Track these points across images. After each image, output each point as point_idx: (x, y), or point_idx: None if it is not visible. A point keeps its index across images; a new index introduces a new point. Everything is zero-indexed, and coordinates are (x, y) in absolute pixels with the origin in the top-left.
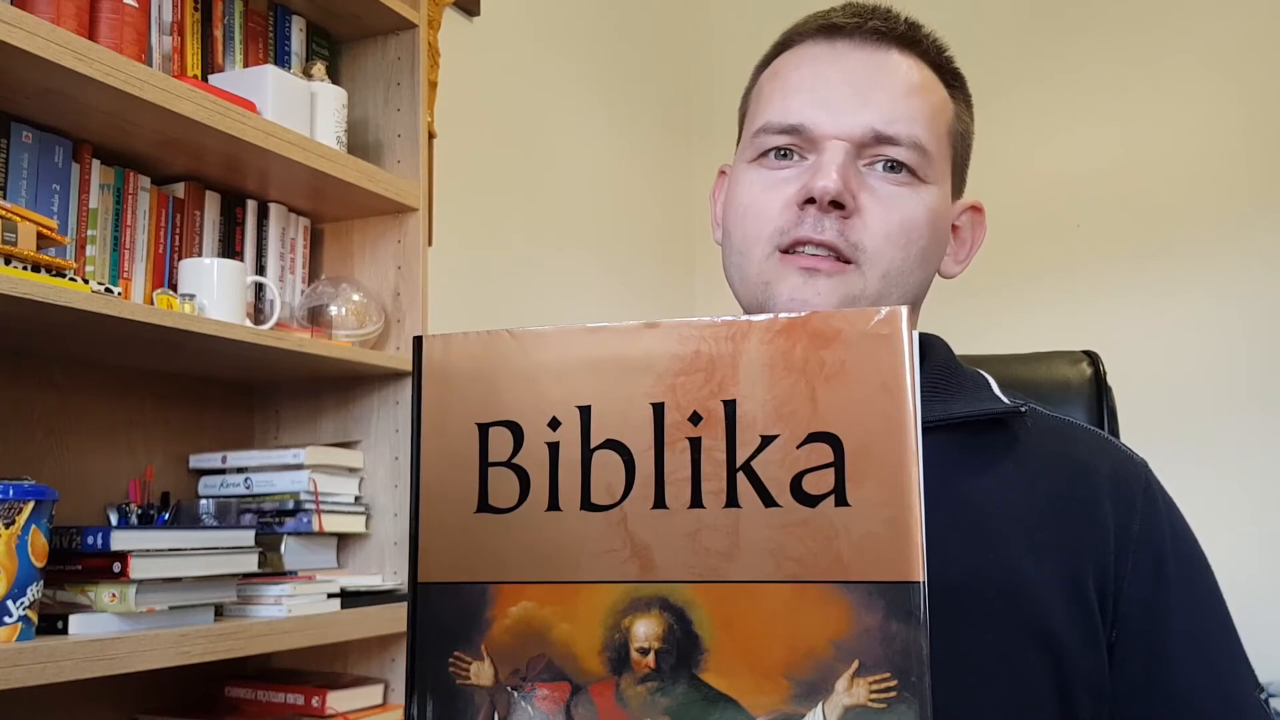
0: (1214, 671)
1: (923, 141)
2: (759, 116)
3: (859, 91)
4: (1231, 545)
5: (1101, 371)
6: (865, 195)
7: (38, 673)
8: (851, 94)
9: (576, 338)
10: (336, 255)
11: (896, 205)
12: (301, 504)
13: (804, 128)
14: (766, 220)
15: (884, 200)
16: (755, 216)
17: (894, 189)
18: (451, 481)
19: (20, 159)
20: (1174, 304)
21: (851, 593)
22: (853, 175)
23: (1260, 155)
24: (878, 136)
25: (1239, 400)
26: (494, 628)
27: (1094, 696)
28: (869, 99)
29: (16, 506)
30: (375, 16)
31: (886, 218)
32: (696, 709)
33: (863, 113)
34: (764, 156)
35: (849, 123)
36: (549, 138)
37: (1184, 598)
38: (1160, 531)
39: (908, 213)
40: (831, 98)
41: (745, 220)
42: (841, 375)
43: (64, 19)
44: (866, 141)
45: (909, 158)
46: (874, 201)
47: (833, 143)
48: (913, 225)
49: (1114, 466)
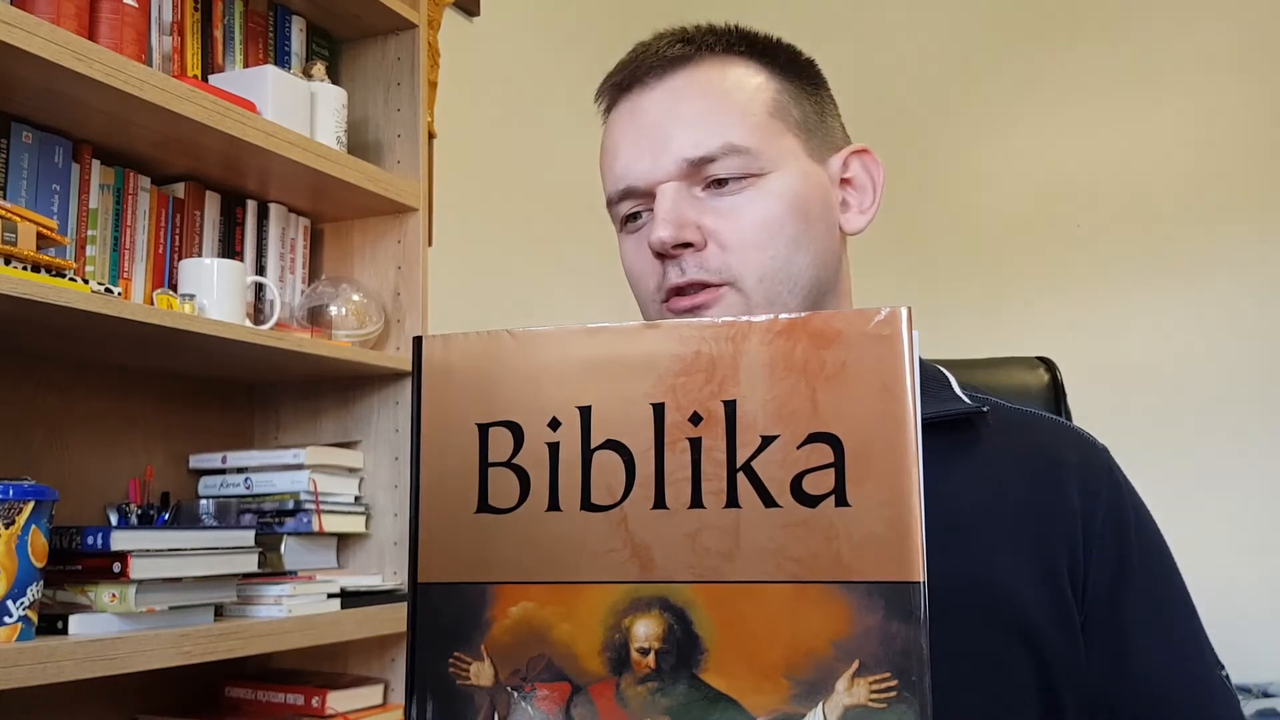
0: (1179, 651)
1: (738, 143)
2: (605, 192)
3: (660, 131)
4: (1200, 548)
5: (1059, 377)
6: (709, 219)
7: (38, 673)
8: (655, 136)
9: (576, 338)
10: (336, 255)
11: (740, 213)
12: (301, 504)
13: (632, 188)
14: (646, 280)
15: (727, 215)
16: (637, 279)
17: (732, 199)
18: (451, 481)
19: (20, 159)
20: (1170, 306)
21: (852, 593)
22: (689, 209)
23: (1258, 159)
24: (692, 164)
25: (1231, 403)
26: (494, 628)
27: (1075, 687)
28: (670, 134)
29: (16, 506)
30: (375, 16)
31: (736, 228)
32: (697, 709)
33: (669, 149)
34: (624, 224)
35: (664, 164)
36: (549, 138)
37: (1147, 581)
38: (1124, 517)
39: (755, 214)
40: (640, 148)
41: (634, 286)
42: (842, 376)
43: (64, 19)
44: (687, 172)
45: (731, 167)
46: (719, 220)
47: (661, 188)
48: (767, 222)
49: (1079, 454)
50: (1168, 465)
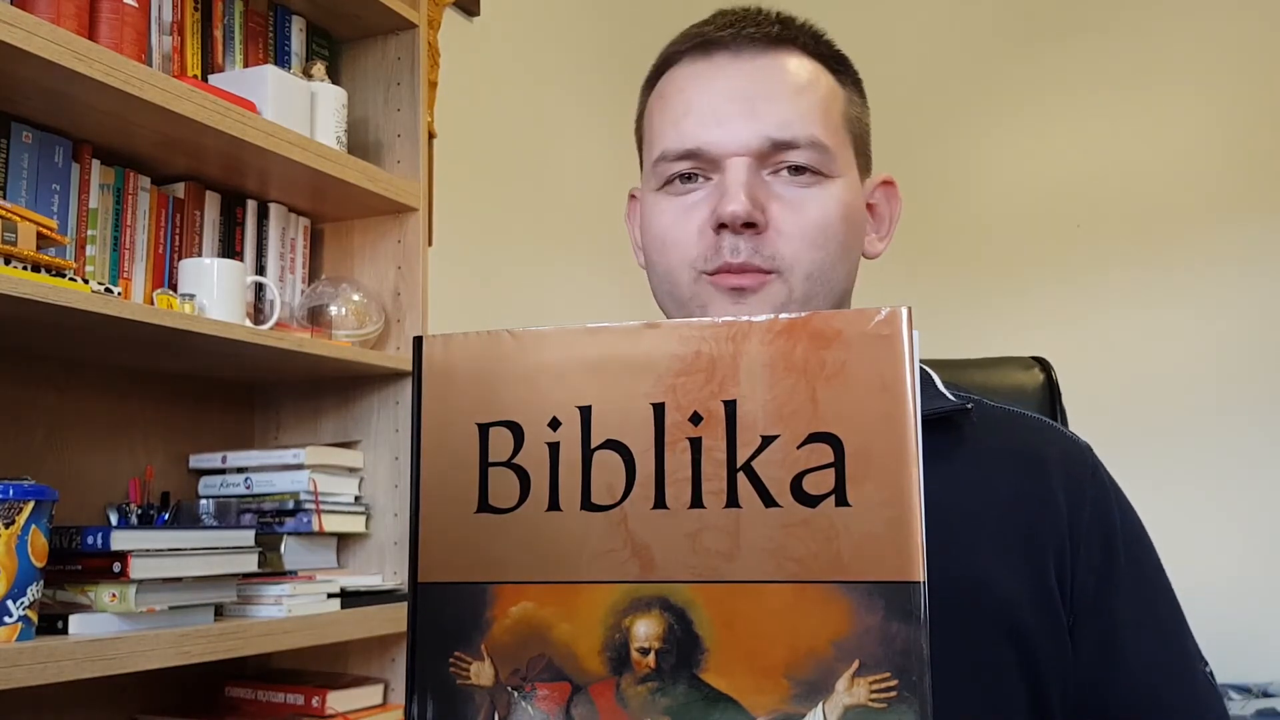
0: (1164, 649)
1: (820, 138)
2: (654, 145)
3: (747, 102)
4: (1194, 550)
5: (1053, 377)
6: (775, 205)
7: (38, 673)
8: (740, 107)
9: (577, 338)
10: (336, 255)
11: (806, 208)
12: (301, 504)
13: (701, 150)
14: (685, 248)
15: (793, 205)
16: (674, 245)
17: (801, 191)
18: (451, 481)
19: (20, 159)
20: (1170, 306)
21: (852, 593)
22: (759, 188)
23: (1254, 159)
24: (775, 144)
25: (1232, 402)
26: (494, 628)
27: (1063, 686)
28: (758, 108)
29: (16, 506)
30: (375, 16)
31: (799, 222)
32: (697, 709)
33: (755, 124)
34: (669, 184)
35: (744, 136)
36: (549, 138)
37: (1132, 579)
38: (1109, 515)
39: (819, 212)
40: (721, 114)
41: (666, 250)
42: (842, 376)
43: (64, 19)
44: (765, 152)
45: (810, 158)
46: (784, 209)
47: (733, 160)
48: (826, 223)
49: (1063, 453)
50: (1164, 465)
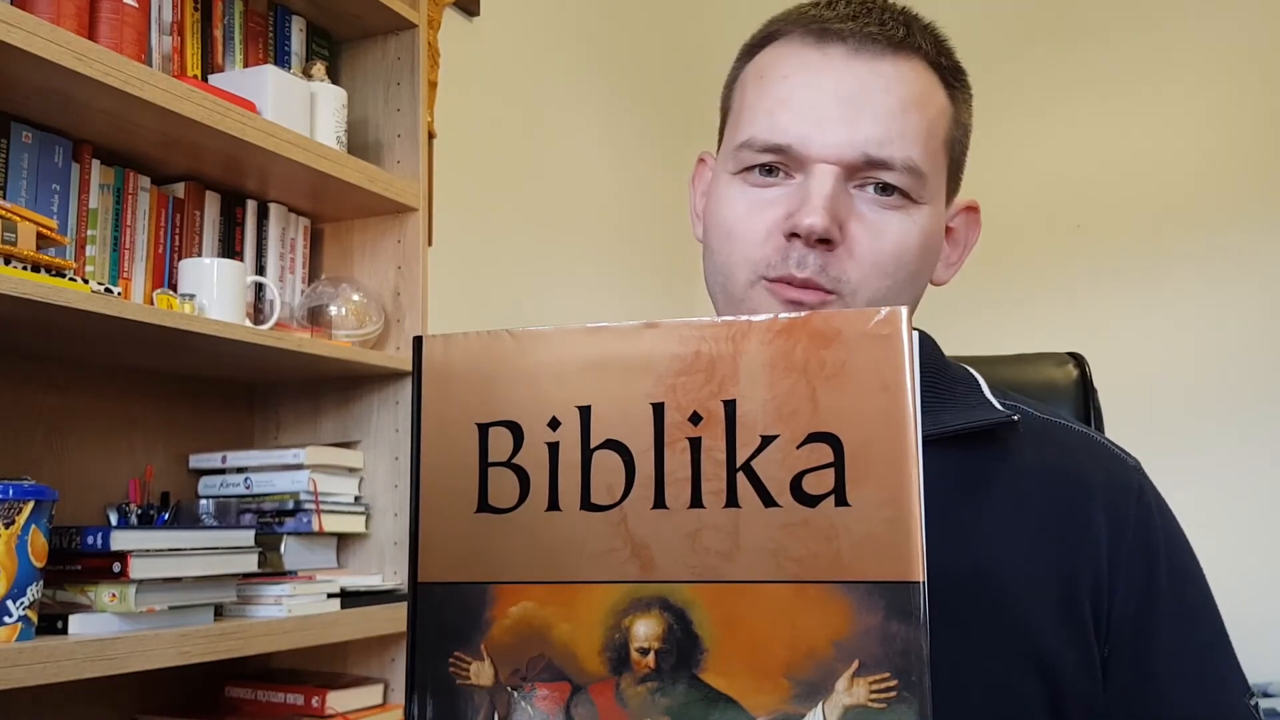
0: (1203, 685)
1: (917, 163)
2: (742, 127)
3: (851, 108)
4: (1219, 546)
5: (1088, 374)
6: (854, 223)
7: (38, 673)
8: (843, 112)
9: (576, 338)
10: (336, 255)
11: (886, 233)
12: (301, 504)
13: (791, 148)
14: (750, 246)
15: (873, 227)
16: (740, 240)
17: (884, 214)
18: (451, 481)
19: (20, 159)
20: (1169, 306)
21: (852, 593)
22: (842, 202)
23: (1260, 158)
24: (870, 161)
25: (1229, 403)
26: (494, 628)
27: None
28: (861, 118)
29: (16, 506)
30: (375, 16)
31: (874, 247)
32: (697, 709)
33: (854, 133)
34: (748, 171)
35: (839, 144)
36: (549, 138)
37: (1174, 609)
38: (1153, 541)
39: (897, 240)
40: (821, 115)
41: (730, 243)
42: (842, 375)
43: (64, 19)
44: (858, 164)
45: (902, 181)
46: (863, 229)
47: (821, 167)
48: (903, 252)
49: (1108, 474)
50: (1173, 463)
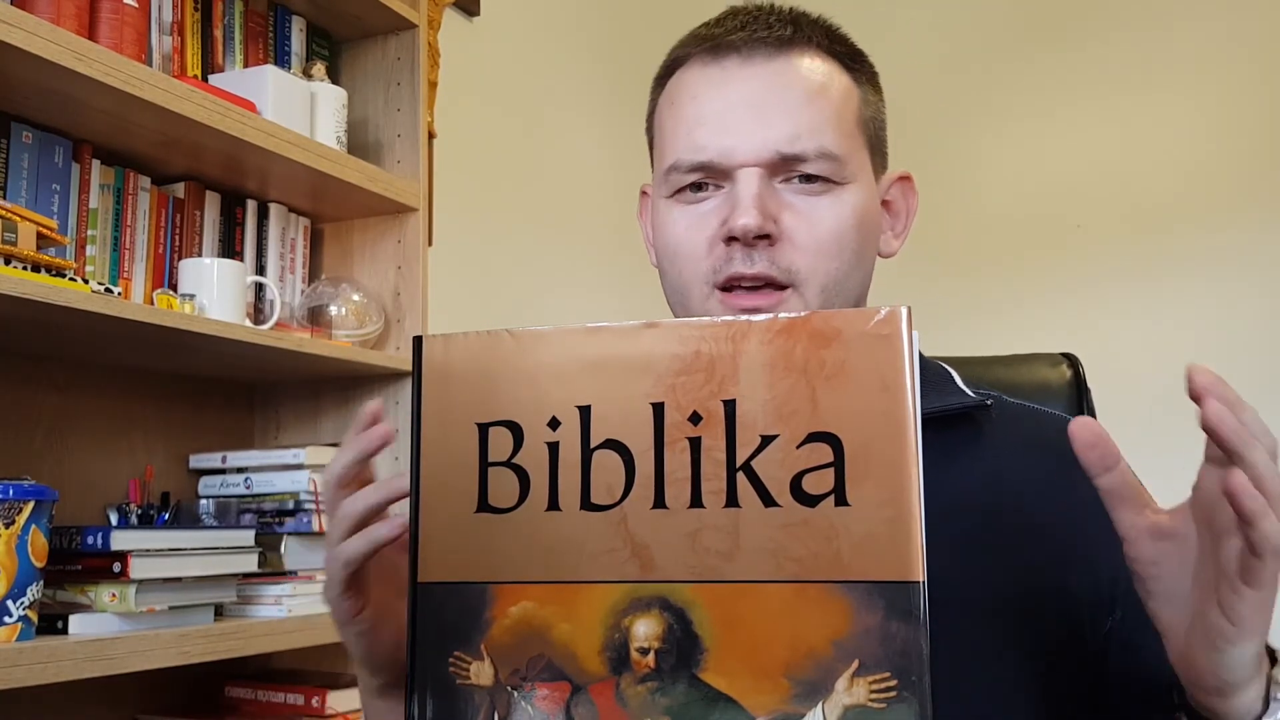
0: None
1: (830, 148)
2: (666, 153)
3: (758, 113)
4: None
5: (1081, 374)
6: (787, 215)
7: (38, 673)
8: (751, 117)
9: (576, 338)
10: (336, 255)
11: (819, 218)
12: (301, 504)
13: (713, 163)
14: (697, 260)
15: (805, 216)
16: (686, 257)
17: (813, 200)
18: (451, 481)
19: (20, 159)
20: (1167, 306)
21: (851, 592)
22: (770, 199)
23: (1259, 158)
24: (785, 157)
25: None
26: (494, 628)
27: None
28: (768, 119)
29: (16, 506)
30: (375, 16)
31: (812, 233)
32: (696, 709)
33: (765, 134)
34: (680, 192)
35: (755, 148)
36: (549, 138)
37: None
38: None
39: (832, 222)
40: (732, 125)
41: (677, 261)
42: (841, 375)
43: (64, 19)
44: (775, 163)
45: (821, 168)
46: (796, 219)
47: (743, 171)
48: (840, 232)
49: None
50: (1172, 464)
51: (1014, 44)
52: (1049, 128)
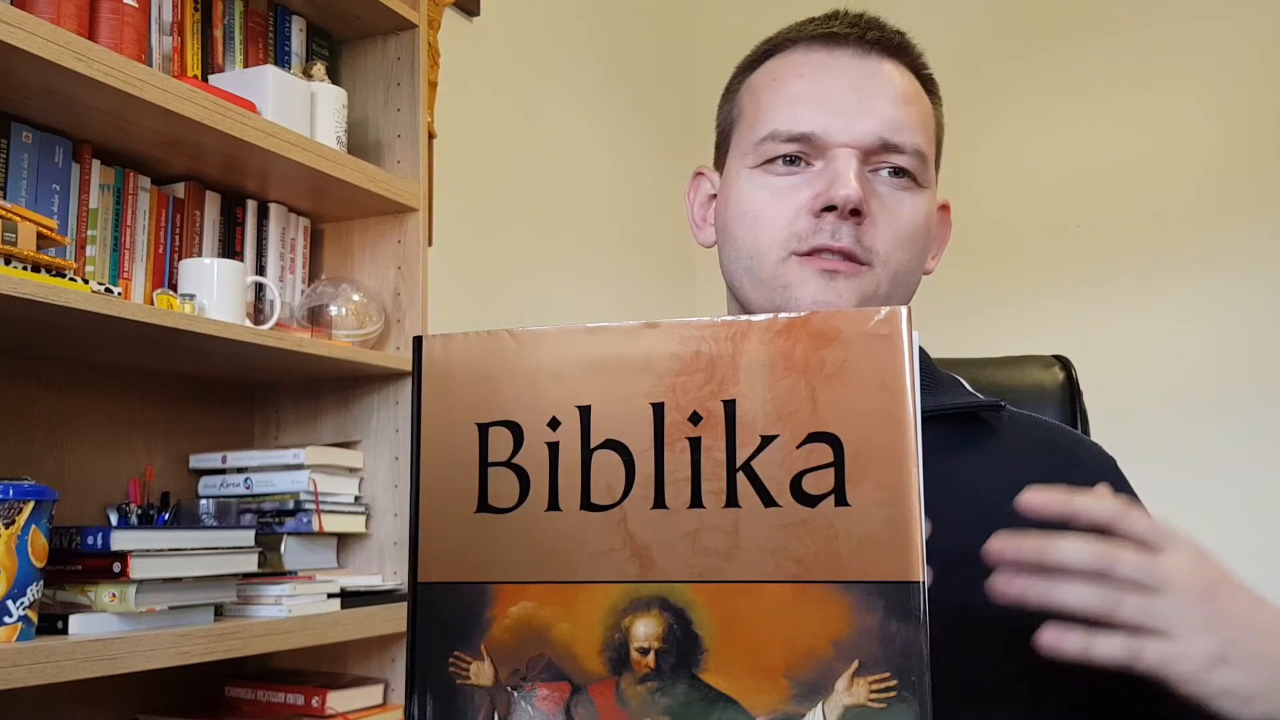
0: None
1: (922, 148)
2: (762, 123)
3: (864, 100)
4: (1214, 548)
5: (1074, 376)
6: (874, 201)
7: (38, 673)
8: (858, 102)
9: (576, 338)
10: (336, 255)
11: (902, 210)
12: (301, 504)
13: (814, 136)
14: (780, 226)
15: (890, 206)
16: (768, 223)
17: (899, 194)
18: (451, 481)
19: (20, 159)
20: (1165, 307)
21: (851, 593)
22: (864, 182)
23: (1259, 159)
24: (885, 144)
25: (1232, 403)
26: (494, 628)
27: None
28: (874, 107)
29: (16, 506)
30: (375, 16)
31: (894, 223)
32: (696, 709)
33: (870, 121)
34: (770, 163)
35: (858, 131)
36: (549, 137)
37: None
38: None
39: (912, 217)
40: (839, 106)
41: (756, 227)
42: (841, 375)
43: (64, 19)
44: (874, 149)
45: (912, 164)
46: (882, 207)
47: (843, 150)
48: (916, 229)
49: (1094, 456)
50: (1173, 464)
51: (1012, 44)
52: (1048, 127)
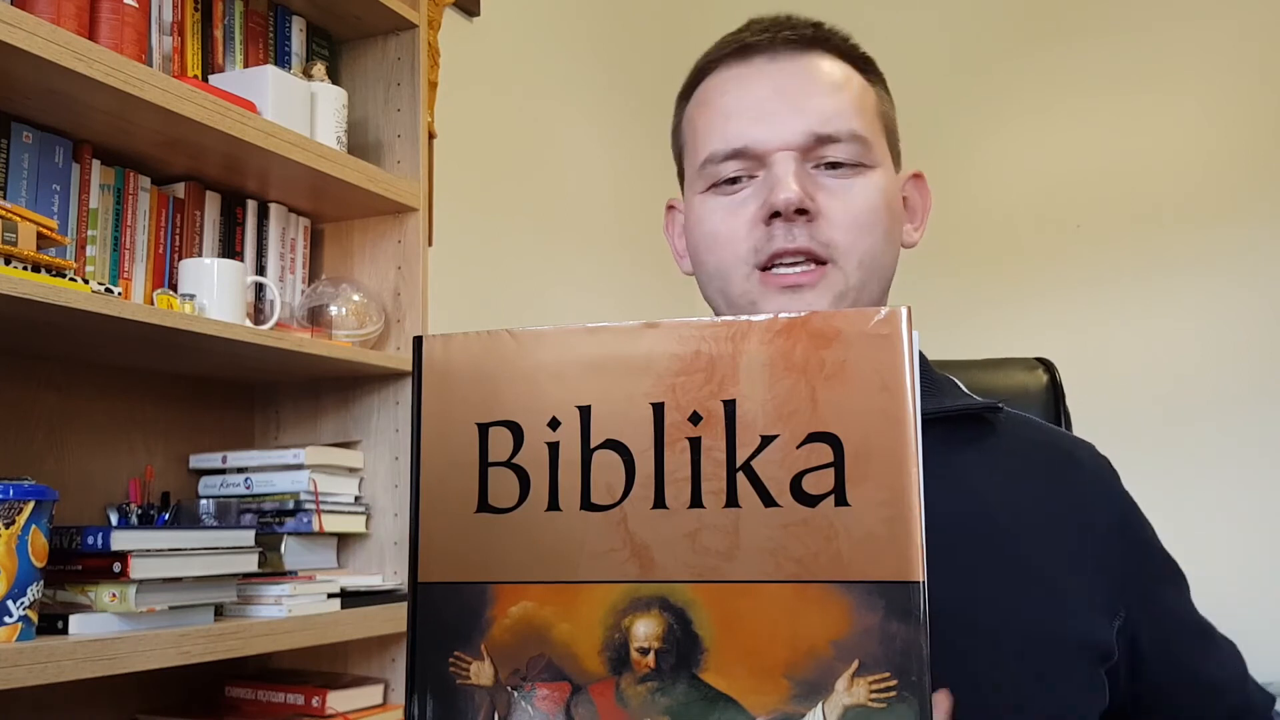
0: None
1: (859, 131)
2: (700, 148)
3: (790, 100)
4: (1197, 553)
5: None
6: (822, 195)
7: (38, 673)
8: (783, 104)
9: (576, 338)
10: (336, 255)
11: (852, 196)
12: (301, 504)
13: (748, 149)
14: (737, 242)
15: (839, 195)
16: (726, 241)
17: (845, 182)
18: (451, 481)
19: (20, 159)
20: (1165, 307)
21: (851, 593)
22: (806, 180)
23: (1258, 159)
24: (819, 138)
25: (1232, 403)
26: (494, 628)
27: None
28: (801, 105)
29: (16, 506)
30: (375, 16)
31: (848, 210)
32: (696, 709)
33: (799, 120)
34: (716, 185)
35: (789, 132)
36: (549, 137)
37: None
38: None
39: (864, 200)
40: (765, 112)
41: (717, 247)
42: (841, 375)
43: (64, 19)
44: (809, 146)
45: (851, 151)
46: (831, 199)
47: (779, 154)
48: (872, 210)
49: (1091, 456)
50: (1167, 466)
51: (1012, 45)
52: (1048, 127)
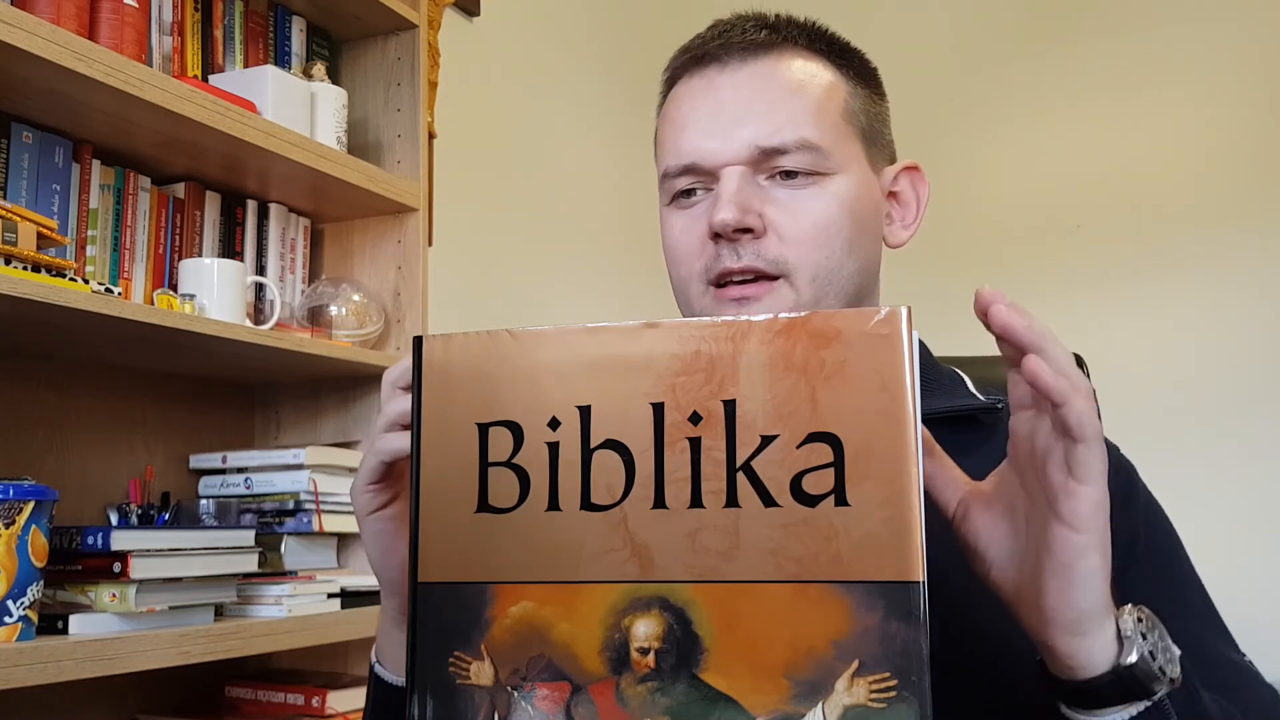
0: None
1: (811, 139)
2: (660, 161)
3: (735, 113)
4: (1216, 548)
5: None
6: (771, 209)
7: (38, 673)
8: (730, 117)
9: (576, 338)
10: (336, 255)
11: (804, 210)
12: (301, 504)
13: (697, 165)
14: (692, 259)
15: (789, 208)
16: (682, 257)
17: (797, 193)
18: (451, 481)
19: (20, 159)
20: (1167, 307)
21: (851, 593)
22: (754, 195)
23: (1259, 159)
24: (764, 151)
25: (1232, 404)
26: (494, 627)
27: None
28: (745, 118)
29: (16, 506)
30: (375, 16)
31: (797, 225)
32: (696, 709)
33: (742, 131)
34: (675, 200)
35: (734, 147)
36: (549, 137)
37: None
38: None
39: (816, 213)
40: (713, 127)
41: (675, 263)
42: (841, 375)
43: (64, 19)
44: (756, 159)
45: (803, 161)
46: (781, 213)
47: (726, 170)
48: (826, 222)
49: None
50: (1167, 466)
51: (1013, 45)
52: (1048, 127)
